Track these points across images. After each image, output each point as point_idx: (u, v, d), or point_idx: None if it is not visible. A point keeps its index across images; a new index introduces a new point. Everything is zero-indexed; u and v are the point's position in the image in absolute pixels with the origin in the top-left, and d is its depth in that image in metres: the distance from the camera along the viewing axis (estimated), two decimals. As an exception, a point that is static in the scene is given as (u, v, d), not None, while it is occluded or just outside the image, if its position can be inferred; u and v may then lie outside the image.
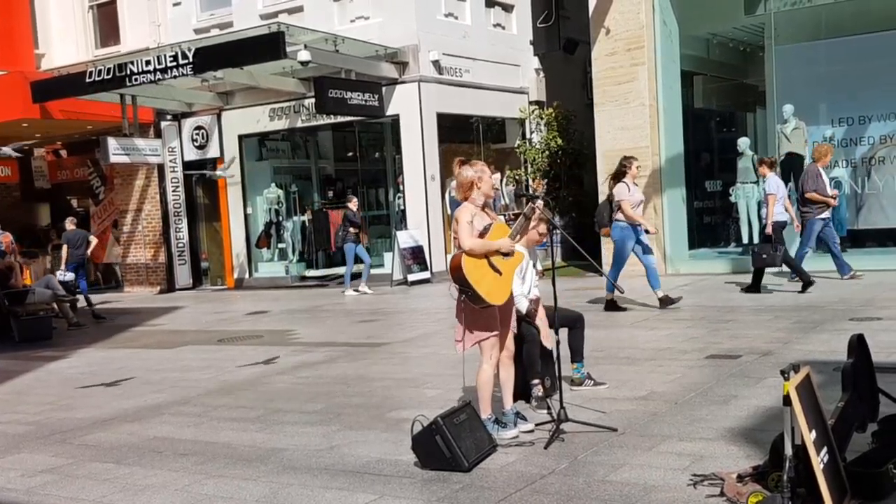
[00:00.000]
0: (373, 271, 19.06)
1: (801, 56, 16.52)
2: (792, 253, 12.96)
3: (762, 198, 13.30)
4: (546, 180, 18.94)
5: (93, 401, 8.67)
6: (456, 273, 5.70)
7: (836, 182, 16.06)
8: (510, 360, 6.06)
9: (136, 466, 6.14)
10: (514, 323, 6.07)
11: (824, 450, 4.15)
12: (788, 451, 4.04)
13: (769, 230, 12.27)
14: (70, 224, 17.13)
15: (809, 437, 4.02)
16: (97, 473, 6.03)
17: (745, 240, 17.08)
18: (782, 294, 12.30)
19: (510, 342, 6.03)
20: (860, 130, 16.17)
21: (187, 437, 6.84)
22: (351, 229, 16.87)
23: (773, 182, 12.41)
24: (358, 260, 17.17)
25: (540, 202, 6.16)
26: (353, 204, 17.08)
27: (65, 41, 21.90)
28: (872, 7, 15.99)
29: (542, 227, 6.69)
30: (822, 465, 4.04)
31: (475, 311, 5.76)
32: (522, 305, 6.67)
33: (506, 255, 5.77)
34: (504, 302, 5.76)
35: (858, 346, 5.00)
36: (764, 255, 12.11)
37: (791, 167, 16.31)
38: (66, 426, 7.62)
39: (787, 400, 4.03)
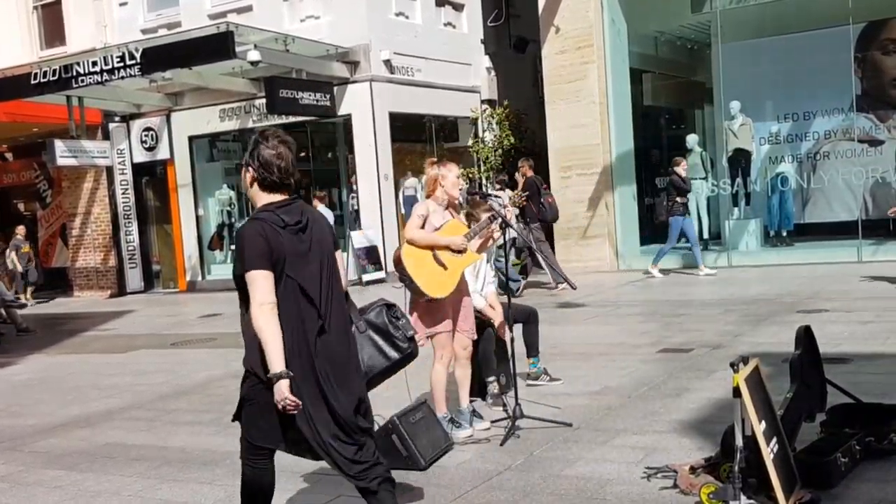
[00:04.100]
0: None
1: (747, 53, 16.79)
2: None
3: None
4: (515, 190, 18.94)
5: (43, 407, 8.54)
6: (397, 262, 5.74)
7: (783, 177, 16.36)
8: (468, 360, 6.08)
9: (88, 472, 6.06)
10: (474, 328, 6.07)
11: (774, 440, 4.23)
12: (739, 442, 4.11)
13: None
14: None
15: (759, 427, 4.09)
16: (48, 480, 5.94)
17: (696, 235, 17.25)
18: (730, 288, 12.50)
19: (468, 341, 6.04)
20: (805, 126, 16.47)
21: (140, 442, 6.76)
22: (678, 199, 14.14)
23: (318, 211, 14.77)
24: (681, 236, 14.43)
25: (509, 206, 6.21)
26: (682, 167, 14.36)
27: (8, 42, 21.44)
28: (815, 4, 16.29)
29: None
30: (772, 455, 4.11)
31: (424, 306, 5.78)
32: (478, 302, 6.69)
33: (457, 252, 5.78)
34: (445, 296, 5.75)
35: (805, 337, 5.10)
36: None
37: (739, 163, 16.58)
38: (16, 433, 7.49)
39: (736, 392, 4.09)
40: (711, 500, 4.23)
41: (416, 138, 19.77)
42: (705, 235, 17.12)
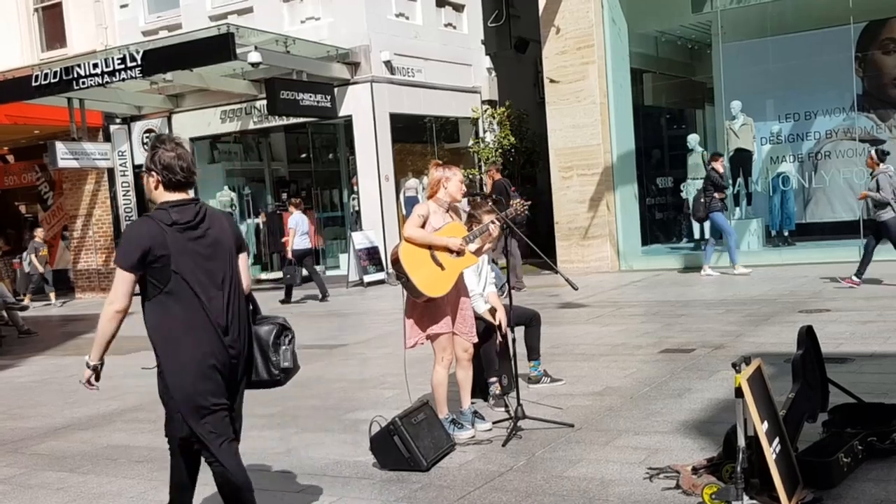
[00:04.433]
0: (329, 273, 19.00)
1: (748, 53, 16.79)
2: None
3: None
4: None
5: (45, 409, 8.54)
6: (394, 260, 5.74)
7: (784, 177, 16.37)
8: (468, 362, 6.07)
9: (90, 475, 6.06)
10: (473, 331, 6.07)
11: (776, 440, 4.23)
12: (741, 442, 4.11)
13: (290, 256, 15.58)
14: None
15: (761, 428, 4.09)
16: (51, 482, 5.95)
17: (697, 235, 17.30)
18: (732, 287, 12.50)
19: (468, 344, 6.03)
20: (806, 126, 16.47)
21: (142, 444, 6.76)
22: (716, 195, 14.12)
23: (293, 219, 15.69)
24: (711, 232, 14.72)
25: (515, 209, 6.19)
26: (720, 163, 14.60)
27: (9, 44, 21.47)
28: (816, 4, 16.29)
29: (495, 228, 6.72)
30: (774, 456, 4.11)
31: (422, 307, 5.78)
32: (479, 305, 6.68)
33: (455, 253, 5.77)
34: (441, 295, 5.74)
35: (807, 337, 5.09)
36: (288, 276, 15.73)
37: (740, 163, 16.58)
38: (18, 435, 7.49)
39: (738, 392, 4.09)
40: (714, 501, 4.23)
41: (417, 139, 19.78)
42: (706, 235, 17.13)
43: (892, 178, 11.34)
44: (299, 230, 15.65)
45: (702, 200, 14.19)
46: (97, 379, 4.22)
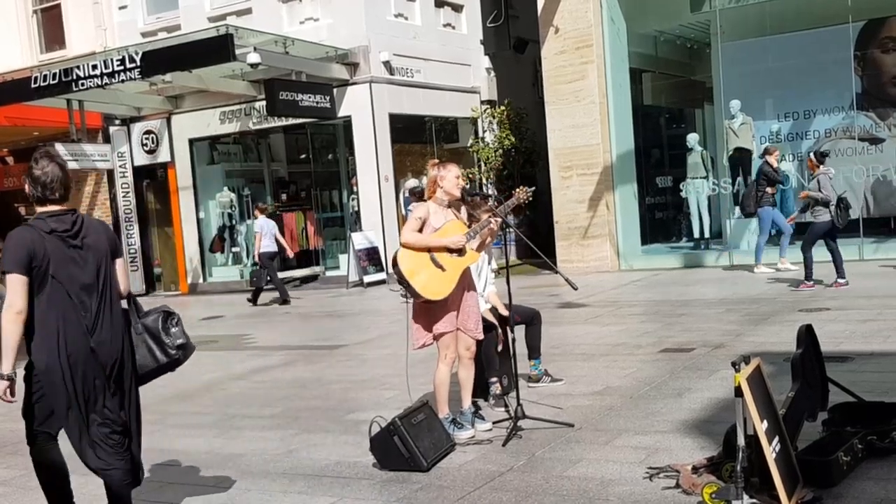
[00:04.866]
0: (329, 273, 19.01)
1: (747, 52, 16.78)
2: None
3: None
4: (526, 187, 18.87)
5: (45, 411, 8.52)
6: (393, 264, 5.75)
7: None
8: (471, 361, 6.05)
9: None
10: (479, 327, 6.06)
11: (776, 439, 4.23)
12: (741, 441, 4.11)
13: (258, 259, 16.22)
14: None
15: (761, 427, 4.09)
16: (51, 484, 5.93)
17: (697, 234, 17.29)
18: (733, 287, 12.50)
19: (471, 342, 6.03)
20: (806, 125, 16.47)
21: (142, 446, 6.74)
22: (769, 189, 13.66)
23: (258, 223, 16.22)
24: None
25: (506, 204, 6.18)
26: (774, 157, 13.91)
27: (8, 46, 21.47)
28: (815, 3, 16.29)
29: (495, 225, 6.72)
30: (774, 455, 4.11)
31: (425, 307, 5.78)
32: (480, 305, 6.66)
33: (455, 253, 5.76)
34: (442, 298, 5.72)
35: (807, 336, 5.09)
36: (255, 278, 16.59)
37: (740, 162, 16.58)
38: (18, 437, 7.46)
39: (738, 391, 4.10)
40: (714, 500, 4.23)
41: (417, 139, 19.78)
42: (707, 234, 17.14)
43: (832, 178, 11.66)
44: (265, 234, 16.09)
45: (753, 194, 13.80)
46: (12, 393, 4.52)
